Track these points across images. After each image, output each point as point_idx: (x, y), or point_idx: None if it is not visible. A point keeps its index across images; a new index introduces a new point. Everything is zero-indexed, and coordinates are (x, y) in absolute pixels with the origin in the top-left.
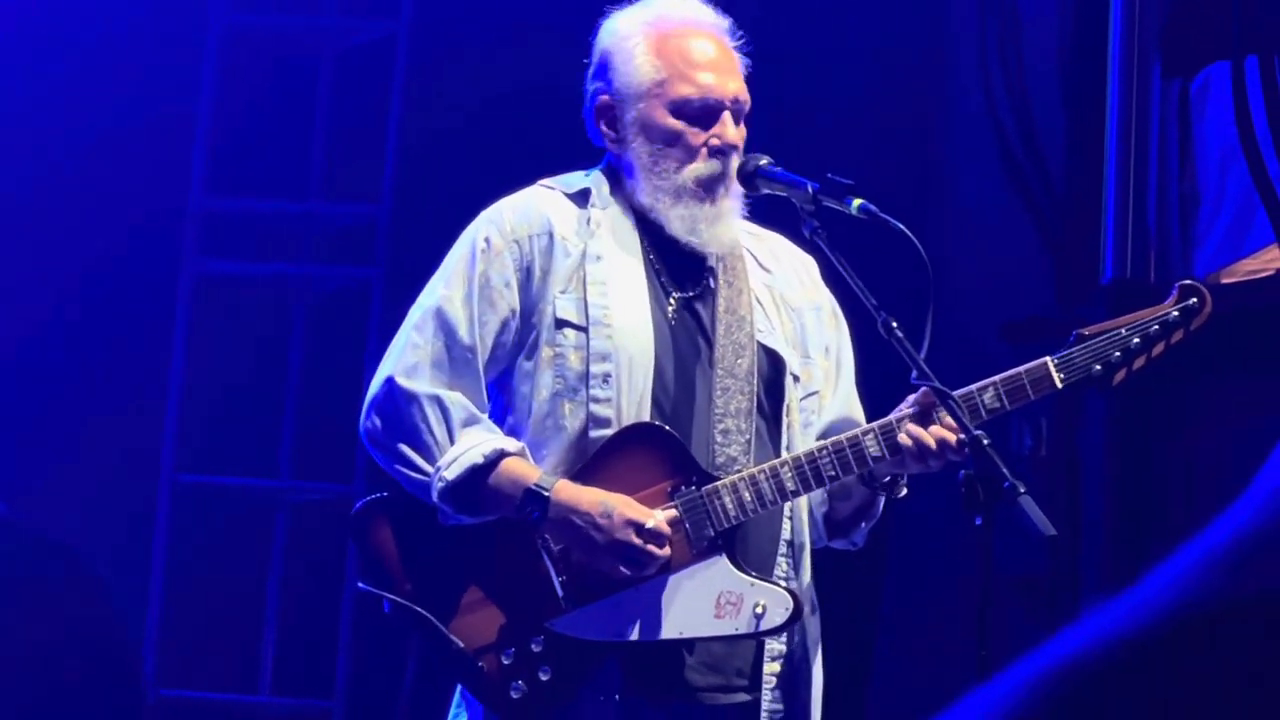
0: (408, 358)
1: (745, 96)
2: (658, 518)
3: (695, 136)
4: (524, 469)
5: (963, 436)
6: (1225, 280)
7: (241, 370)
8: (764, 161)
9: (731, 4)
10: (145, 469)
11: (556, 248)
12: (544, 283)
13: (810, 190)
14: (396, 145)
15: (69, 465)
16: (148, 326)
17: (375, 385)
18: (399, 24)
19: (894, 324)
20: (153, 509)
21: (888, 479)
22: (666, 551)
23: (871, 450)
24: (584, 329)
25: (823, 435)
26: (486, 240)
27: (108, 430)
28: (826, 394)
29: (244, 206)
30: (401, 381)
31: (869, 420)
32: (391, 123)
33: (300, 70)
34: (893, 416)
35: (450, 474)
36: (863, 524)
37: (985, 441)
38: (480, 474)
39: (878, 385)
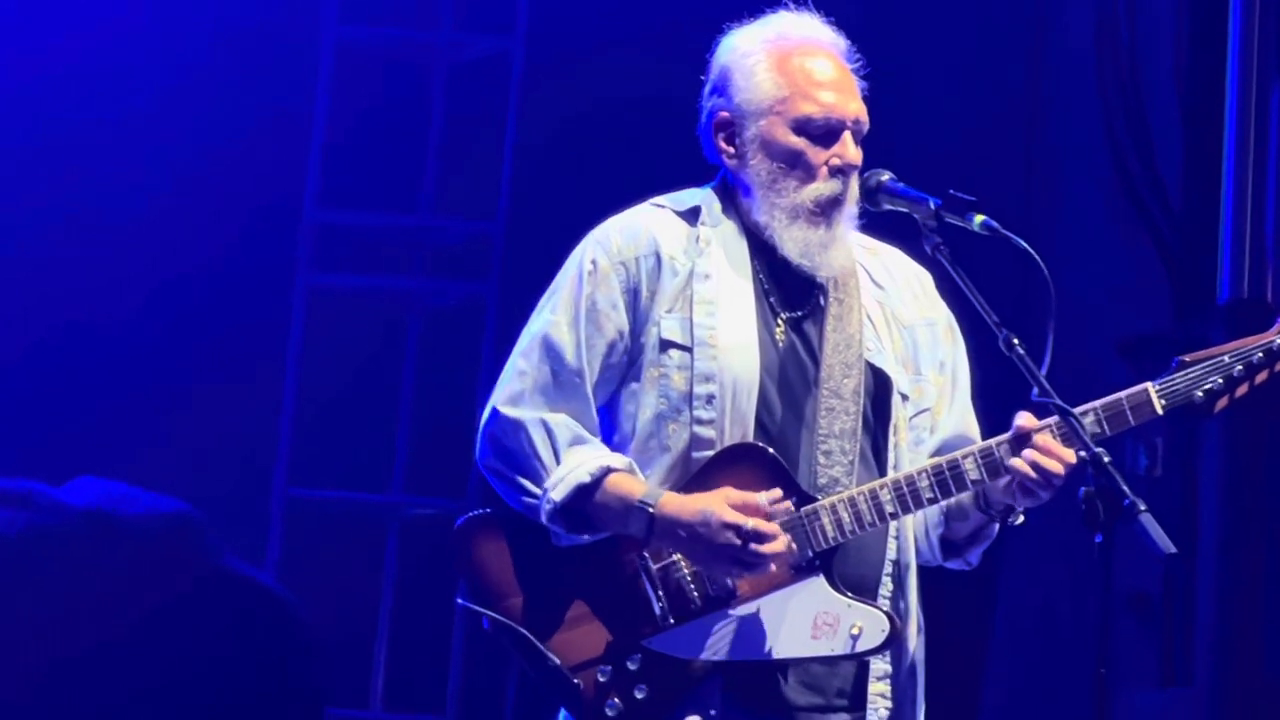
0: (514, 385)
1: (865, 118)
2: (761, 503)
3: (816, 155)
4: (630, 484)
5: (1082, 454)
6: None
7: (355, 384)
8: (886, 177)
9: (838, 19)
10: (258, 483)
11: (664, 268)
12: (651, 303)
13: (933, 206)
14: (512, 160)
15: (183, 478)
16: (262, 340)
17: (485, 415)
18: (514, 39)
19: (1015, 340)
20: (266, 523)
21: (1004, 506)
22: (774, 547)
23: (971, 474)
24: (689, 349)
25: (937, 452)
26: (593, 263)
27: (221, 444)
28: (940, 410)
29: (358, 220)
30: (506, 410)
31: (984, 437)
32: (507, 138)
33: (414, 84)
34: (993, 441)
35: (557, 495)
36: (977, 546)
37: (1106, 459)
38: (587, 492)
39: (997, 402)
